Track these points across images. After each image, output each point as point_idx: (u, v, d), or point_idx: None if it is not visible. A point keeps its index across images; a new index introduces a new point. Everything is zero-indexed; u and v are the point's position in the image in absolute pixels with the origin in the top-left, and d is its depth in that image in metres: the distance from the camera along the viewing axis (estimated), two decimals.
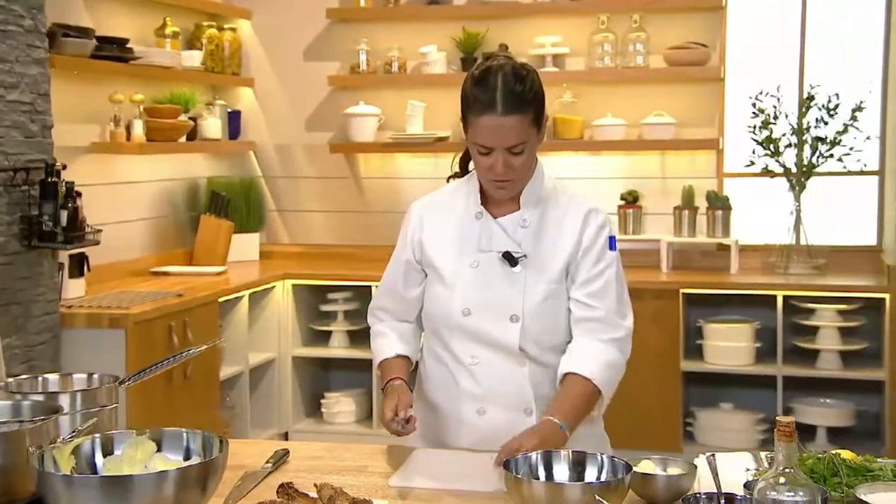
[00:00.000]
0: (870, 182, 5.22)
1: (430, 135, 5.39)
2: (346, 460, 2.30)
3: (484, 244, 2.40)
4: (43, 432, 1.87)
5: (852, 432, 4.99)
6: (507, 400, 2.40)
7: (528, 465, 1.96)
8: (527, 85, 2.29)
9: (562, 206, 2.43)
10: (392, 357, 2.50)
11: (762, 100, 5.06)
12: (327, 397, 5.42)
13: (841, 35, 5.21)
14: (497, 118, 2.25)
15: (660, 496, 1.98)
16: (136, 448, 1.88)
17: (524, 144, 2.29)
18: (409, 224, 2.52)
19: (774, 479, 1.68)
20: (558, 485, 1.90)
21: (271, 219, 5.87)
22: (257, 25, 5.78)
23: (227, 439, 1.85)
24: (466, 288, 2.38)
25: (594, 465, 1.96)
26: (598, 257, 2.39)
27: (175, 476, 1.72)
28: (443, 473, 2.19)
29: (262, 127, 5.83)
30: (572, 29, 5.31)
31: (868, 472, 2.00)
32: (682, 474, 1.99)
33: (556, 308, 2.39)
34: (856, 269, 5.14)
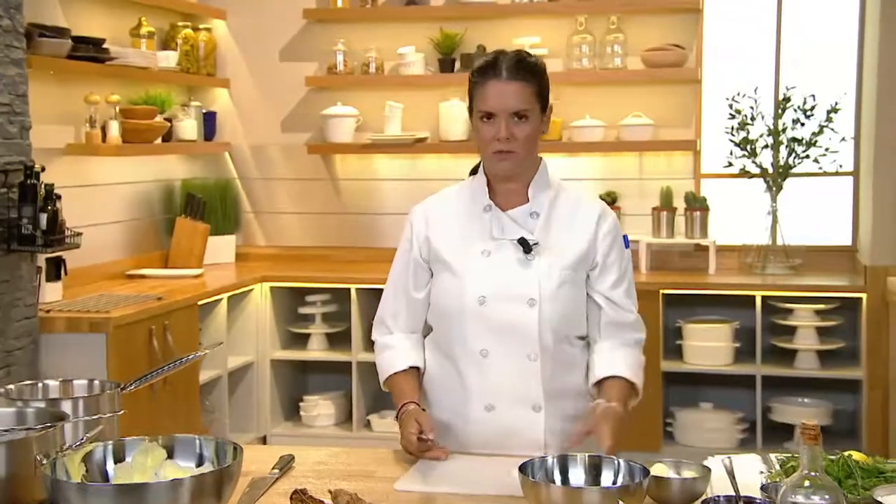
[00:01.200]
0: (845, 183, 5.25)
1: (409, 136, 5.35)
2: (353, 465, 2.27)
3: (496, 233, 2.40)
4: (49, 440, 1.83)
5: (830, 431, 5.00)
6: (516, 396, 2.39)
7: (543, 470, 1.94)
8: (531, 60, 2.38)
9: (571, 201, 2.45)
10: (402, 370, 2.47)
11: (739, 101, 5.08)
12: (306, 400, 5.37)
13: (816, 37, 5.23)
14: (501, 82, 2.31)
15: (675, 499, 1.96)
16: (146, 455, 1.84)
17: (527, 111, 2.33)
18: (413, 224, 2.51)
19: (799, 481, 1.67)
20: (577, 489, 1.88)
21: (247, 221, 5.80)
22: (232, 26, 5.72)
23: (240, 446, 1.81)
24: (480, 276, 2.37)
25: (610, 469, 1.94)
26: (620, 256, 2.44)
27: (190, 484, 1.69)
28: (451, 477, 2.17)
29: (238, 128, 5.77)
30: (550, 30, 5.30)
31: (880, 473, 1.99)
32: (696, 477, 1.98)
33: (572, 295, 2.40)
34: (831, 269, 5.17)
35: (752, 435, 4.97)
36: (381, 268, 5.29)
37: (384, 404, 5.44)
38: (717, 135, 5.20)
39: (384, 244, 5.61)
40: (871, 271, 4.79)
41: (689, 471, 2.01)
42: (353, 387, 5.20)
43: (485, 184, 2.42)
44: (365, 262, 5.55)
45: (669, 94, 5.25)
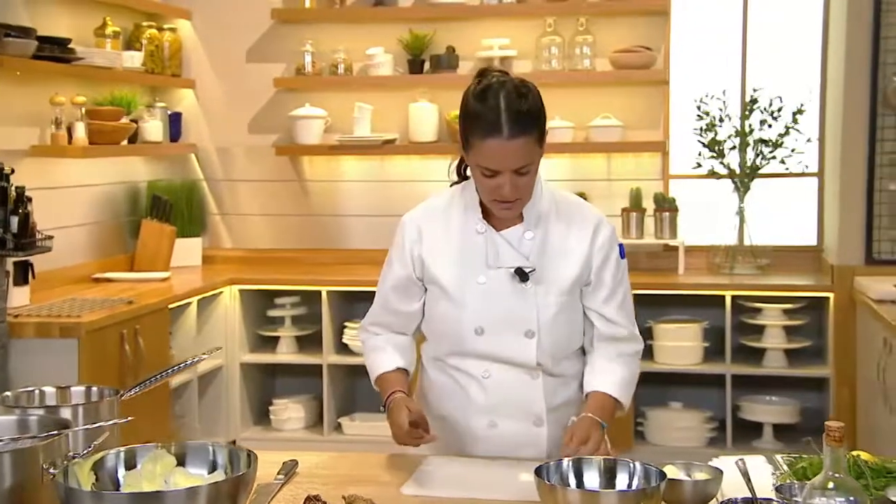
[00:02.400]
0: (810, 183, 5.30)
1: (378, 137, 5.31)
2: (356, 470, 2.23)
3: (491, 260, 2.32)
4: (55, 448, 1.77)
5: (797, 429, 5.06)
6: (519, 412, 2.36)
7: (559, 473, 1.91)
8: (530, 103, 2.22)
9: (565, 216, 2.36)
10: (391, 370, 2.42)
11: (707, 103, 5.11)
12: (276, 404, 5.30)
13: (782, 40, 5.28)
14: (503, 142, 2.17)
15: (687, 501, 1.95)
16: (155, 462, 1.79)
17: (530, 165, 2.22)
18: (406, 238, 2.42)
19: (822, 483, 1.66)
20: (595, 492, 1.85)
21: (213, 223, 5.71)
22: (198, 26, 5.63)
23: (254, 453, 1.77)
24: (477, 306, 2.31)
25: (625, 471, 1.92)
26: (616, 269, 2.37)
27: (207, 492, 1.63)
28: (457, 481, 2.14)
29: (204, 129, 5.68)
30: (519, 31, 5.28)
31: (889, 473, 1.99)
32: (708, 479, 1.97)
33: (569, 320, 2.35)
34: (798, 268, 5.22)
35: (721, 434, 4.99)
36: (351, 270, 5.36)
37: (355, 407, 5.40)
38: (686, 136, 5.22)
39: (353, 246, 5.57)
40: (837, 271, 4.84)
41: (700, 472, 2.00)
42: (323, 390, 5.15)
43: (478, 203, 2.33)
44: (334, 264, 5.50)
45: (638, 95, 5.26)
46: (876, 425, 4.32)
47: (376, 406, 5.25)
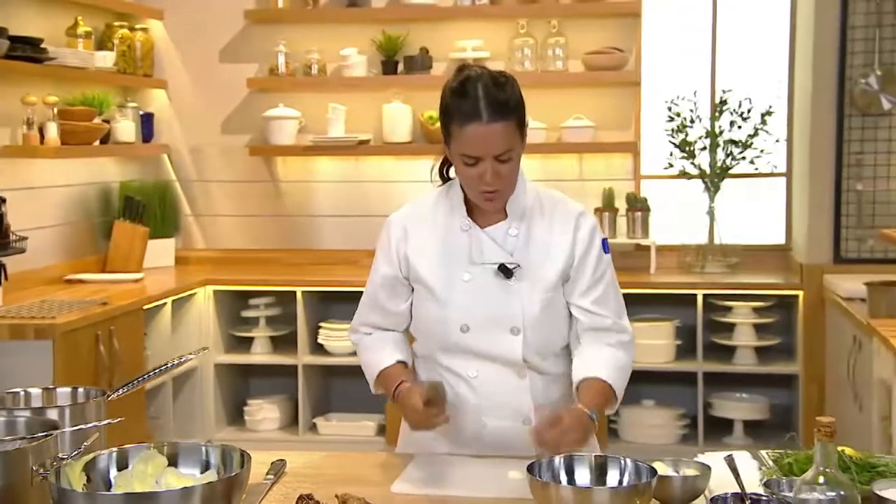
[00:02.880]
0: (778, 183, 5.34)
1: (352, 138, 5.28)
2: (345, 469, 2.21)
3: (475, 257, 2.31)
4: (44, 450, 1.73)
5: (767, 425, 5.10)
6: (507, 411, 2.34)
7: (550, 471, 1.91)
8: (508, 91, 2.22)
9: (548, 212, 2.36)
10: (392, 365, 2.40)
11: (678, 104, 5.14)
12: (250, 404, 5.26)
13: (751, 42, 5.32)
14: (483, 126, 2.17)
15: (676, 497, 1.95)
16: (146, 463, 1.76)
17: (511, 151, 2.21)
18: (392, 238, 2.39)
19: (814, 478, 1.66)
20: (587, 489, 1.85)
21: (186, 223, 5.66)
22: (170, 26, 5.58)
23: (248, 453, 1.75)
24: (462, 303, 2.29)
25: (616, 468, 1.91)
26: (597, 262, 2.35)
27: (201, 492, 1.61)
28: (447, 479, 2.12)
29: (176, 130, 5.63)
30: (492, 33, 5.28)
31: (872, 467, 2.00)
32: (697, 475, 1.97)
33: (554, 316, 2.34)
34: (767, 267, 5.25)
35: (693, 431, 5.02)
36: (326, 270, 5.33)
37: (330, 407, 5.38)
38: (657, 137, 5.24)
39: (327, 246, 5.54)
40: (807, 269, 4.88)
41: (688, 469, 2.00)
42: (298, 390, 5.11)
43: (462, 200, 2.33)
44: (308, 264, 5.48)
45: (610, 96, 5.28)
46: (845, 421, 4.35)
47: (351, 406, 5.31)
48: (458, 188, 2.35)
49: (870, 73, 4.76)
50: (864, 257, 4.82)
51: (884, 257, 4.78)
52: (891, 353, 3.34)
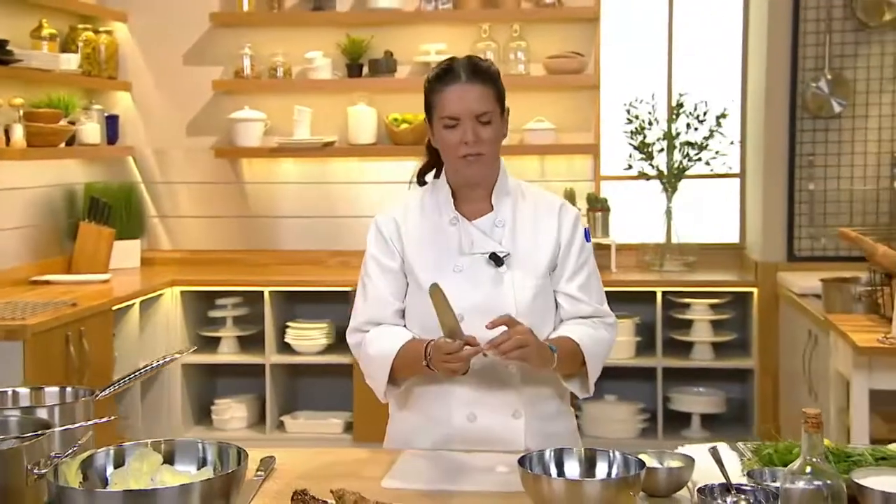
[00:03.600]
0: (732, 184, 5.40)
1: (318, 140, 5.25)
2: (335, 465, 2.19)
3: (466, 248, 2.32)
4: (38, 449, 1.70)
5: (723, 418, 5.15)
6: (497, 405, 2.33)
7: (541, 464, 1.90)
8: (485, 64, 2.33)
9: (531, 202, 2.39)
10: (408, 342, 2.30)
11: (636, 107, 5.17)
12: (217, 404, 5.20)
13: (705, 48, 5.37)
14: (462, 85, 2.26)
15: (661, 488, 1.96)
16: (142, 461, 1.73)
17: (490, 114, 2.27)
18: (385, 233, 2.38)
19: (801, 468, 1.67)
20: (577, 481, 1.84)
21: (152, 225, 5.58)
22: (134, 28, 5.50)
23: (244, 450, 1.72)
24: (454, 293, 2.27)
25: (605, 461, 1.91)
26: (580, 250, 2.38)
27: (199, 489, 1.59)
28: (436, 474, 2.11)
29: (141, 132, 5.55)
30: (455, 37, 5.26)
31: (848, 457, 2.02)
32: (682, 467, 1.98)
33: (545, 304, 2.35)
34: (722, 265, 5.30)
35: (653, 424, 5.05)
36: (291, 270, 5.29)
37: (297, 405, 5.33)
38: (616, 139, 5.27)
39: (292, 247, 5.50)
40: (761, 267, 4.93)
41: (672, 461, 2.00)
42: (266, 389, 5.06)
43: (449, 194, 2.34)
44: (273, 264, 5.43)
45: (570, 99, 5.29)
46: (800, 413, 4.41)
47: (318, 404, 5.28)
48: (443, 184, 2.36)
49: (820, 78, 4.82)
50: (816, 255, 4.88)
51: (835, 255, 4.84)
52: (849, 346, 3.38)
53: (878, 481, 1.87)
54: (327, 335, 5.11)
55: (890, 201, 4.85)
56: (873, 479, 1.88)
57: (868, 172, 4.86)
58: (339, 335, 5.15)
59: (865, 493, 1.84)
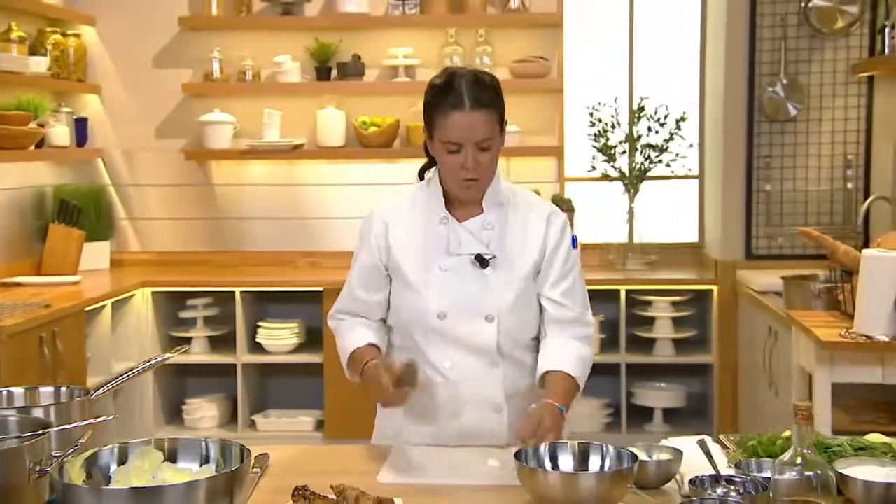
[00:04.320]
0: (691, 185, 5.44)
1: (287, 142, 5.21)
2: (328, 461, 2.17)
3: (453, 248, 2.31)
4: (39, 448, 1.66)
5: (684, 412, 5.19)
6: (480, 400, 2.34)
7: (536, 457, 1.90)
8: (490, 85, 2.28)
9: (521, 208, 2.37)
10: (363, 346, 2.35)
11: (599, 110, 5.19)
12: (189, 403, 5.14)
13: (665, 53, 5.41)
14: (465, 113, 2.20)
15: (651, 480, 1.97)
16: (143, 458, 1.70)
17: (491, 140, 2.24)
18: (373, 229, 2.39)
19: (791, 459, 1.69)
20: (574, 474, 1.84)
21: (121, 227, 5.51)
22: (102, 32, 5.42)
23: (247, 448, 1.70)
24: (439, 291, 2.29)
25: (598, 454, 1.91)
26: (566, 257, 2.37)
27: (205, 486, 1.57)
28: (428, 469, 2.11)
29: (110, 134, 5.47)
30: (422, 41, 5.26)
31: (827, 448, 2.04)
32: (671, 459, 1.98)
33: (526, 306, 2.34)
34: (682, 264, 5.35)
35: (616, 419, 5.08)
36: (261, 271, 5.25)
37: (268, 404, 5.29)
38: (579, 141, 5.29)
39: (261, 248, 5.45)
40: (721, 265, 4.98)
41: (661, 453, 2.01)
42: (237, 388, 5.01)
43: (441, 195, 2.33)
44: (243, 265, 5.39)
45: (535, 102, 5.30)
46: (761, 407, 4.46)
47: (289, 403, 5.24)
48: (436, 183, 2.35)
49: (776, 83, 4.88)
50: (773, 253, 4.94)
51: (791, 253, 4.90)
52: (812, 341, 3.42)
53: (860, 471, 1.90)
54: (298, 335, 5.07)
55: (843, 201, 4.92)
56: (855, 468, 1.91)
57: (822, 174, 4.92)
58: (310, 334, 5.12)
59: (848, 482, 1.86)
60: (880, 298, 3.25)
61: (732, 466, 1.94)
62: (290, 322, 5.06)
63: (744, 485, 1.83)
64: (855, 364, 3.37)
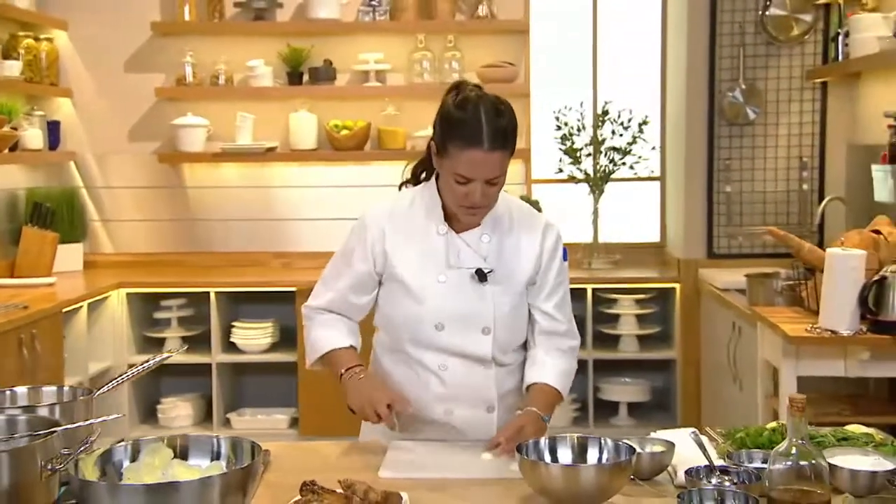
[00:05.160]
0: (653, 186, 5.49)
1: (260, 145, 5.16)
2: (327, 458, 2.15)
3: (453, 261, 2.28)
4: (49, 446, 1.63)
5: (647, 406, 5.23)
6: (473, 400, 2.34)
7: (536, 451, 1.90)
8: (508, 120, 2.19)
9: (517, 221, 2.34)
10: (346, 347, 2.33)
11: (566, 114, 5.21)
12: (163, 402, 5.07)
13: (628, 60, 5.46)
14: (483, 153, 2.13)
15: (645, 471, 1.97)
16: (153, 455, 1.68)
17: (502, 176, 2.20)
18: (368, 233, 2.32)
19: (787, 449, 1.70)
20: (575, 467, 1.84)
21: (94, 229, 5.42)
22: (74, 36, 5.34)
23: (258, 444, 1.68)
24: (437, 303, 2.27)
25: (595, 447, 1.92)
26: (559, 270, 2.36)
27: (219, 482, 1.55)
28: (426, 464, 2.09)
29: (83, 138, 5.39)
30: (392, 47, 5.24)
31: (812, 438, 2.06)
32: (664, 451, 1.99)
33: (519, 316, 2.35)
34: (645, 263, 5.39)
35: (584, 413, 5.10)
36: (234, 272, 5.20)
37: (242, 402, 5.24)
38: (546, 144, 5.31)
39: (235, 249, 5.40)
40: (683, 264, 5.02)
41: (654, 445, 2.02)
42: (212, 387, 4.96)
43: (440, 207, 2.28)
44: (216, 266, 5.33)
45: None
46: (725, 401, 4.50)
47: (263, 401, 5.19)
48: (434, 193, 2.30)
49: (736, 88, 4.93)
50: (733, 252, 4.99)
51: (750, 252, 4.96)
52: (778, 336, 3.46)
53: (845, 460, 1.92)
54: (272, 334, 5.03)
55: (798, 202, 4.99)
56: (840, 458, 1.93)
57: (779, 175, 4.98)
58: (284, 334, 5.09)
59: (835, 471, 1.88)
60: (844, 295, 3.30)
61: (725, 457, 1.96)
62: (264, 322, 5.02)
63: (737, 475, 1.84)
64: (819, 358, 3.41)
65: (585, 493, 1.77)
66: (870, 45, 4.13)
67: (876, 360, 3.37)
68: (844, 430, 2.12)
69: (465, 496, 1.92)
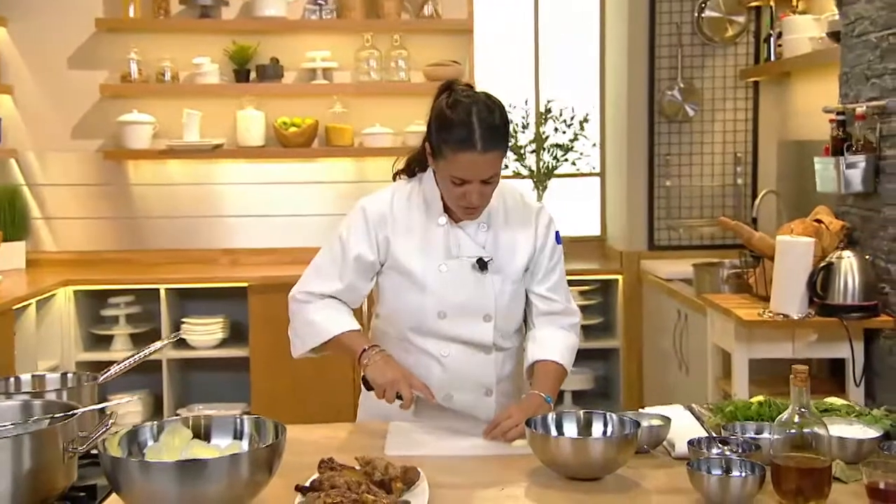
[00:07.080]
0: (594, 182, 5.56)
1: (208, 142, 5.07)
2: (330, 439, 2.13)
3: (453, 251, 2.28)
4: (69, 429, 1.58)
5: (591, 394, 5.30)
6: (473, 385, 2.35)
7: (544, 425, 1.91)
8: (500, 119, 2.20)
9: (511, 208, 2.36)
10: (356, 330, 2.29)
11: (510, 112, 5.23)
12: (110, 399, 4.92)
13: (568, 59, 5.52)
14: (477, 155, 2.14)
15: (643, 444, 2.00)
16: (173, 435, 1.65)
17: (497, 175, 2.20)
18: (369, 221, 2.30)
19: (790, 417, 1.74)
20: (584, 439, 1.86)
21: (36, 227, 5.26)
22: (14, 32, 5.17)
23: (282, 424, 1.66)
24: (439, 292, 2.27)
25: (600, 421, 1.94)
26: (552, 253, 2.38)
27: (247, 459, 1.55)
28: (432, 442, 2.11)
29: (24, 135, 5.22)
30: (339, 45, 5.21)
31: None
32: (661, 425, 2.02)
33: (518, 302, 2.37)
34: (585, 255, 5.46)
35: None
36: (184, 268, 5.10)
37: (193, 398, 5.14)
38: None
39: (184, 246, 5.30)
40: (626, 256, 5.10)
41: (651, 420, 2.05)
42: (163, 384, 4.85)
43: (439, 198, 2.28)
44: (164, 263, 5.22)
45: None
46: (670, 386, 4.59)
47: (213, 396, 5.10)
48: (432, 185, 2.30)
49: (674, 86, 5.04)
50: (673, 244, 5.09)
51: (689, 244, 5.07)
52: (731, 321, 3.54)
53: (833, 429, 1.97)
54: (223, 329, 4.95)
55: (734, 195, 5.11)
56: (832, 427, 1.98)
57: (715, 171, 5.10)
58: (234, 330, 5.01)
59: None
60: (795, 280, 3.39)
61: (721, 429, 1.99)
62: (215, 318, 4.93)
63: (737, 444, 1.88)
64: (769, 341, 3.51)
65: (596, 464, 1.80)
66: (802, 46, 4.25)
67: (822, 341, 3.48)
68: (825, 402, 2.18)
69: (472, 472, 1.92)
